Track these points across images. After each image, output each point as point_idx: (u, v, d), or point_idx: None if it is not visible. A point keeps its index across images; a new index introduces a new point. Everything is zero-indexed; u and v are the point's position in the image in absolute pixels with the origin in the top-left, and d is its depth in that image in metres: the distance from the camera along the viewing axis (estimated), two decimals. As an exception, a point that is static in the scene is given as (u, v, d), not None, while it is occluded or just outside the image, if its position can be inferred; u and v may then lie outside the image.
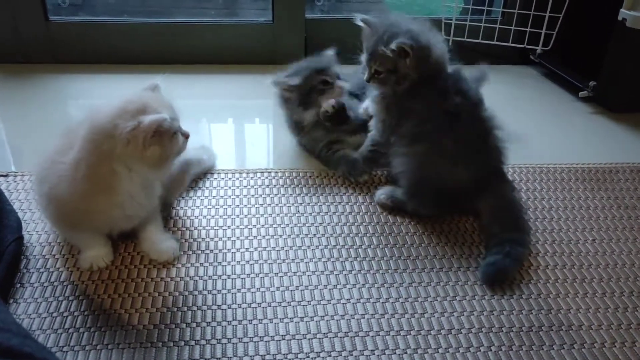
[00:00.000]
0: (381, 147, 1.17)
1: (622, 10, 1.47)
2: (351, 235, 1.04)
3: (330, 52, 1.32)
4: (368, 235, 1.04)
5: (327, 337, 0.82)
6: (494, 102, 1.10)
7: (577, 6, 1.74)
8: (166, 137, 0.85)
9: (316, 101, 1.24)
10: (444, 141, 1.04)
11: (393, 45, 1.02)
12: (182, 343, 0.80)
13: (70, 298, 0.88)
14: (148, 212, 0.95)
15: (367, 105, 1.20)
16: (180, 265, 0.95)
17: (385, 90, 1.11)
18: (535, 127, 1.51)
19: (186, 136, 0.91)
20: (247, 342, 0.81)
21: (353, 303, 0.88)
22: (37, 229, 1.02)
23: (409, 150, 1.08)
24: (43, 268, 0.93)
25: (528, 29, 1.84)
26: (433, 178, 1.06)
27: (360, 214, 1.11)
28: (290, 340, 0.82)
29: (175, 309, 0.86)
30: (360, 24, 1.11)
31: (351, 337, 0.82)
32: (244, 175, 1.22)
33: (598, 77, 1.61)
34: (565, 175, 1.26)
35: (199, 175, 1.20)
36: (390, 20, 1.10)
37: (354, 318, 0.85)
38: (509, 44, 1.89)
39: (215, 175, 1.22)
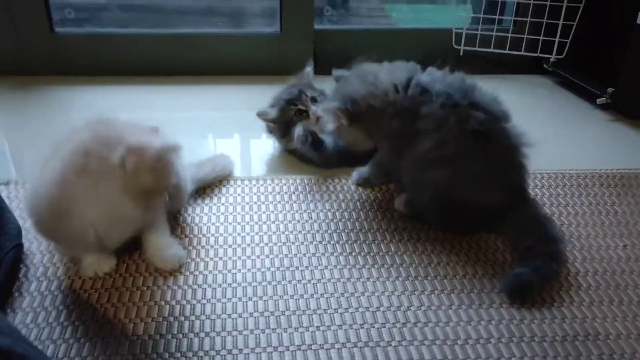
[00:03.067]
0: (382, 176, 1.14)
1: (641, 13, 1.43)
2: (367, 242, 0.99)
3: (308, 69, 1.33)
4: (385, 242, 0.99)
5: (345, 347, 0.76)
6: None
7: (591, 12, 1.71)
8: (163, 170, 0.80)
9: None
10: (472, 164, 0.95)
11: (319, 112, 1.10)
12: (191, 354, 0.74)
13: (71, 307, 0.82)
14: (137, 224, 0.87)
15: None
16: (188, 273, 0.90)
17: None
18: (553, 135, 1.46)
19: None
20: (260, 353, 0.75)
21: (372, 311, 0.83)
22: (37, 237, 0.97)
23: (428, 178, 0.97)
24: (43, 276, 0.88)
25: (541, 37, 1.81)
26: (456, 204, 0.97)
27: (377, 220, 1.05)
28: (306, 350, 0.76)
29: (183, 318, 0.80)
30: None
31: (372, 347, 0.76)
32: (254, 182, 1.17)
33: (616, 84, 1.57)
34: (589, 181, 1.20)
35: (214, 182, 1.16)
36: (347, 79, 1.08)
37: (373, 327, 0.80)
38: (522, 53, 1.86)
39: (224, 183, 1.17)
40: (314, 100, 1.26)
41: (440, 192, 0.97)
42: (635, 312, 0.84)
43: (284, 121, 1.26)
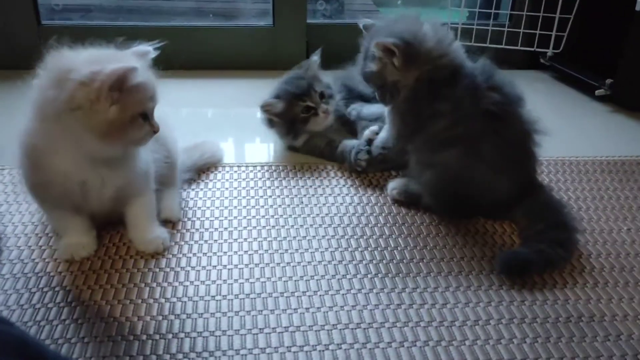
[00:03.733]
0: (392, 152, 1.06)
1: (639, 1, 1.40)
2: (360, 225, 0.94)
3: (315, 58, 1.22)
4: (379, 225, 0.94)
5: (336, 328, 0.71)
6: None
7: (588, 5, 1.68)
8: (131, 103, 0.72)
9: (303, 129, 1.17)
10: (483, 146, 0.90)
11: (373, 48, 0.93)
12: (170, 336, 0.70)
13: (45, 289, 0.77)
14: (120, 191, 0.81)
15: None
16: (170, 256, 0.85)
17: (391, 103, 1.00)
18: (553, 127, 1.39)
19: (154, 130, 0.78)
20: (245, 334, 0.70)
21: (365, 293, 0.78)
22: (13, 221, 0.92)
23: (436, 159, 0.93)
24: (17, 259, 0.83)
25: (537, 32, 1.78)
26: (467, 189, 0.93)
27: (370, 204, 1.01)
28: (294, 332, 0.71)
29: (164, 300, 0.76)
30: (362, 29, 1.02)
31: (364, 328, 0.71)
32: (243, 168, 1.13)
33: (614, 75, 1.53)
34: (590, 168, 1.17)
35: (202, 168, 1.12)
36: (385, 24, 1.00)
37: (366, 309, 0.75)
38: (518, 47, 1.83)
39: (213, 169, 1.13)
40: (322, 96, 1.17)
41: (449, 174, 0.92)
42: (642, 293, 0.80)
43: (289, 117, 1.16)
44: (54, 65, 0.74)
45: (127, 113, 0.73)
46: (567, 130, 1.39)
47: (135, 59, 0.78)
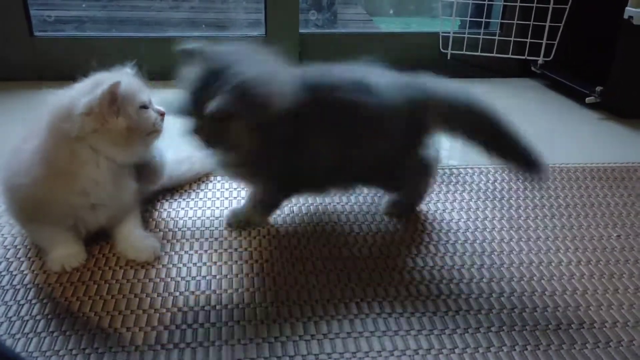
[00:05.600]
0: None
1: (627, 8, 1.42)
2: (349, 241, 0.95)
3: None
4: (372, 234, 0.95)
5: (327, 337, 0.71)
6: None
7: (577, 13, 1.70)
8: (129, 106, 0.81)
9: None
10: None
11: (209, 109, 0.76)
12: (159, 347, 0.69)
13: (34, 301, 0.77)
14: (120, 207, 0.86)
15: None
16: (160, 266, 0.85)
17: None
18: (543, 134, 1.41)
19: (161, 113, 0.86)
20: (234, 345, 0.70)
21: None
22: (2, 232, 0.92)
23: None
24: (5, 271, 0.83)
25: (528, 40, 1.80)
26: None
27: (361, 213, 1.01)
28: (284, 342, 0.71)
29: (153, 311, 0.75)
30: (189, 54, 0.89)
31: (355, 337, 0.71)
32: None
33: (605, 82, 1.54)
34: (580, 174, 1.17)
35: (192, 179, 1.12)
36: (223, 57, 0.89)
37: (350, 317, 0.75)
38: (509, 56, 1.84)
39: (203, 179, 1.13)
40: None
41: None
42: (631, 300, 0.80)
43: None
44: (55, 107, 0.80)
45: (132, 113, 0.81)
46: (557, 137, 1.40)
47: (114, 75, 0.85)
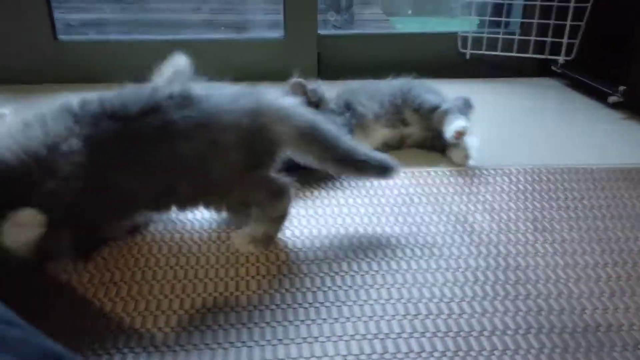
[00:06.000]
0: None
1: (651, 6, 1.40)
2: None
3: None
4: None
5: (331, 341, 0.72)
6: (517, 115, 1.02)
7: (599, 11, 1.68)
8: None
9: None
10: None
11: None
12: (191, 347, 0.71)
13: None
14: None
15: None
16: (189, 268, 0.86)
17: None
18: (566, 134, 1.42)
19: None
20: (264, 345, 0.71)
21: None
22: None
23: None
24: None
25: (549, 39, 1.78)
26: None
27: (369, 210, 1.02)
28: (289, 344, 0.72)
29: (183, 312, 0.77)
30: None
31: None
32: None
33: (628, 81, 1.53)
34: (604, 175, 1.16)
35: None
36: None
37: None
38: (529, 55, 1.83)
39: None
40: None
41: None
42: (660, 303, 0.80)
43: None
44: None
45: None
46: (579, 138, 1.39)
47: None
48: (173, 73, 1.04)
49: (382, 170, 0.95)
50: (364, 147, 0.95)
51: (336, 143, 0.91)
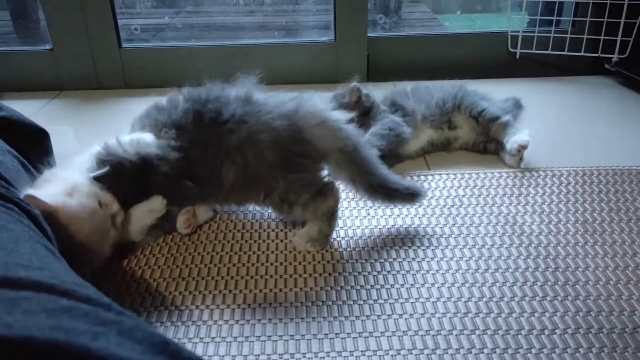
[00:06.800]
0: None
1: None
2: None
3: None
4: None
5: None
6: (569, 115, 1.03)
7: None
8: None
9: None
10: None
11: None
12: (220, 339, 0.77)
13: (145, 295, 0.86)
14: None
15: None
16: (222, 265, 0.93)
17: None
18: (620, 134, 1.41)
19: None
20: (299, 339, 0.76)
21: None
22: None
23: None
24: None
25: (602, 37, 1.76)
26: None
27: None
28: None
29: (236, 306, 0.83)
30: None
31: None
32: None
33: (684, 80, 1.51)
34: (657, 177, 1.16)
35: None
36: None
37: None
38: (582, 54, 1.81)
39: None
40: None
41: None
42: None
43: None
44: None
45: None
46: (633, 138, 1.38)
47: None
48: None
49: (411, 198, 0.98)
50: (395, 175, 0.98)
51: (373, 169, 0.94)
